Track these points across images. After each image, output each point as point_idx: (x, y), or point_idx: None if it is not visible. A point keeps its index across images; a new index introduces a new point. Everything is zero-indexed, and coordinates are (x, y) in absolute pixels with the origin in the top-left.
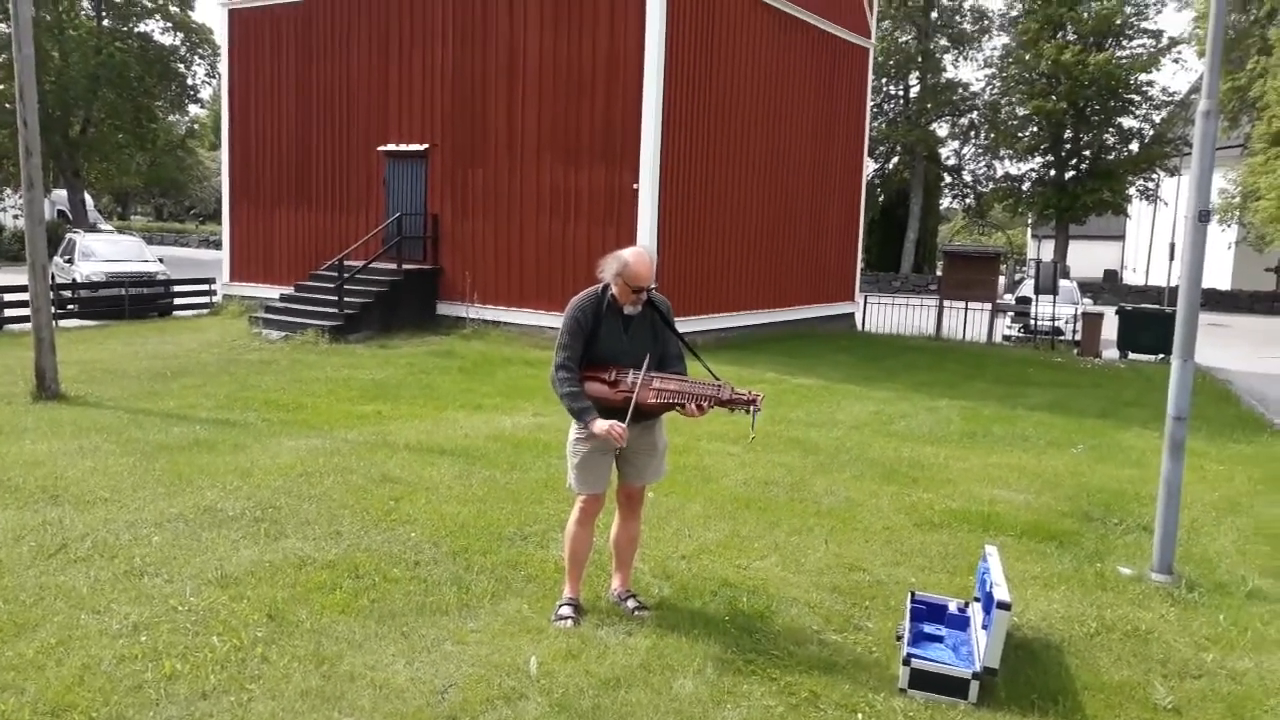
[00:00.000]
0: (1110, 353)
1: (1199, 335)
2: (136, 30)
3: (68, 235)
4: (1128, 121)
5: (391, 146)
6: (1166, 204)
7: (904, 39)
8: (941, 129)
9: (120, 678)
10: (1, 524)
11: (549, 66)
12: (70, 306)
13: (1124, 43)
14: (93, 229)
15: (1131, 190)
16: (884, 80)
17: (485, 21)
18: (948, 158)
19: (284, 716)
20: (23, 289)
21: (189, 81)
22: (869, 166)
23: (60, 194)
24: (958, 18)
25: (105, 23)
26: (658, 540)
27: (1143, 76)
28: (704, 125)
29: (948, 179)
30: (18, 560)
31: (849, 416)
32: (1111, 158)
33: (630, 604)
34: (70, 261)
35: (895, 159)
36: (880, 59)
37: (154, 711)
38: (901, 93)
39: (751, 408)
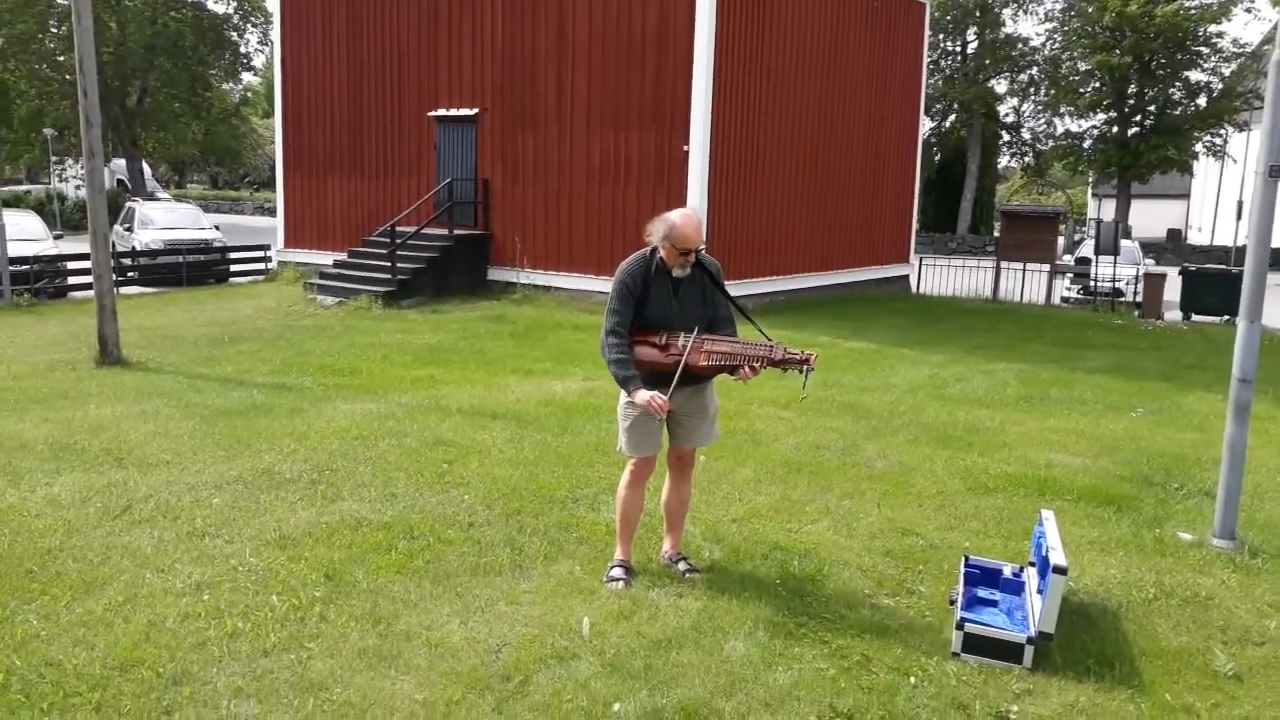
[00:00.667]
0: (1173, 314)
1: (1266, 296)
2: None
3: (127, 204)
4: (1195, 75)
5: (442, 111)
6: (1235, 160)
7: None
8: (1000, 85)
9: (184, 635)
10: (69, 485)
11: (599, 28)
12: (131, 274)
13: None
14: (151, 197)
15: (1198, 146)
16: (941, 36)
17: None
18: (1006, 115)
19: (342, 674)
20: (85, 257)
21: (242, 50)
22: (925, 125)
23: (119, 163)
24: None
25: None
26: (708, 504)
27: (1212, 28)
28: (755, 85)
29: (1006, 137)
30: (85, 520)
31: (903, 380)
32: (1178, 113)
33: (681, 566)
34: (130, 230)
35: (952, 117)
36: (937, 14)
37: (217, 668)
38: (959, 48)
39: (805, 367)
